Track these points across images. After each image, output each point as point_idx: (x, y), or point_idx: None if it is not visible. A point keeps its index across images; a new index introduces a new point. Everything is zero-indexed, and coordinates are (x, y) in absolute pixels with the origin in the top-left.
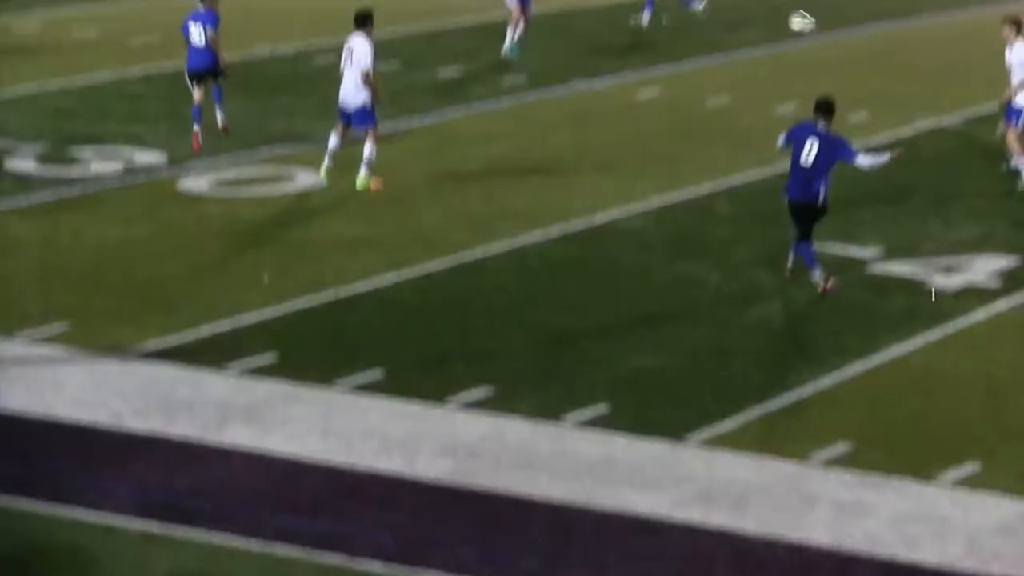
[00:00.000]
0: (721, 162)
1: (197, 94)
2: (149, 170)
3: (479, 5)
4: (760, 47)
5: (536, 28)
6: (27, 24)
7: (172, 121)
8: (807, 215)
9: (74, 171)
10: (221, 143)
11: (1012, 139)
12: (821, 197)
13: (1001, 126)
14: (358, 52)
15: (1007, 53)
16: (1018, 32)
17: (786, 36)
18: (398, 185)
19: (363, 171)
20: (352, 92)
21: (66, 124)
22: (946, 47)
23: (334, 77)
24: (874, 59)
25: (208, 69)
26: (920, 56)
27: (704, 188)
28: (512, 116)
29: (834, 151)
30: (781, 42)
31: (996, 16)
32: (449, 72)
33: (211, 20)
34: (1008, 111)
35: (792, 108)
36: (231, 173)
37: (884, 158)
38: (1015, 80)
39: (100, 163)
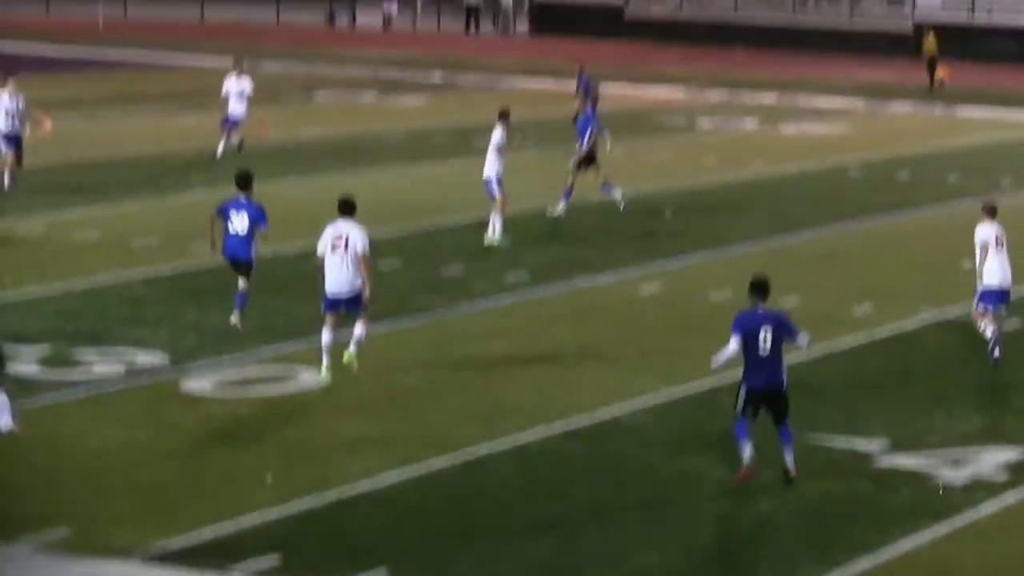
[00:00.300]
0: None
1: (242, 282)
2: (151, 371)
3: (479, 201)
4: (760, 241)
5: (538, 224)
6: (29, 227)
7: (174, 323)
8: (777, 401)
9: (76, 373)
10: (224, 344)
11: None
12: (785, 381)
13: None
14: (354, 238)
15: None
16: (990, 216)
17: (786, 229)
18: (400, 383)
19: (353, 348)
20: (348, 279)
21: (68, 326)
22: (946, 238)
23: None
24: (875, 251)
25: (245, 260)
26: (920, 248)
27: (706, 383)
28: (514, 312)
29: (785, 331)
30: (781, 235)
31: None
32: (450, 269)
33: (256, 212)
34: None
35: (794, 301)
36: (233, 373)
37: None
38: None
39: (102, 365)
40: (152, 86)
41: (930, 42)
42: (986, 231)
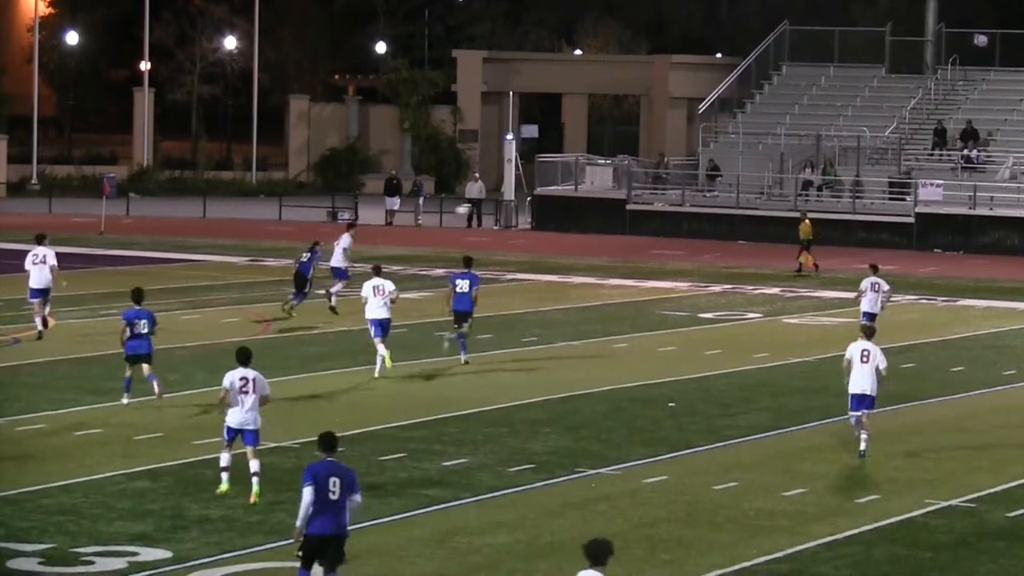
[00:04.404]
0: (729, 547)
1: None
2: (154, 566)
3: (483, 396)
4: (766, 431)
5: (541, 416)
6: (30, 422)
7: (177, 517)
8: (336, 548)
9: (77, 571)
10: (227, 539)
11: None
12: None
13: None
14: (260, 380)
15: None
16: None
17: (789, 421)
18: (405, 575)
19: (257, 483)
20: (255, 416)
21: (70, 524)
22: (951, 428)
23: None
24: (878, 441)
25: (147, 355)
26: (925, 437)
27: (714, 574)
28: (519, 504)
29: (348, 485)
30: (785, 427)
31: (997, 399)
32: (454, 461)
33: (150, 318)
34: None
35: (800, 491)
36: (238, 568)
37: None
38: None
39: (104, 561)
40: (155, 281)
41: (805, 226)
42: (854, 347)
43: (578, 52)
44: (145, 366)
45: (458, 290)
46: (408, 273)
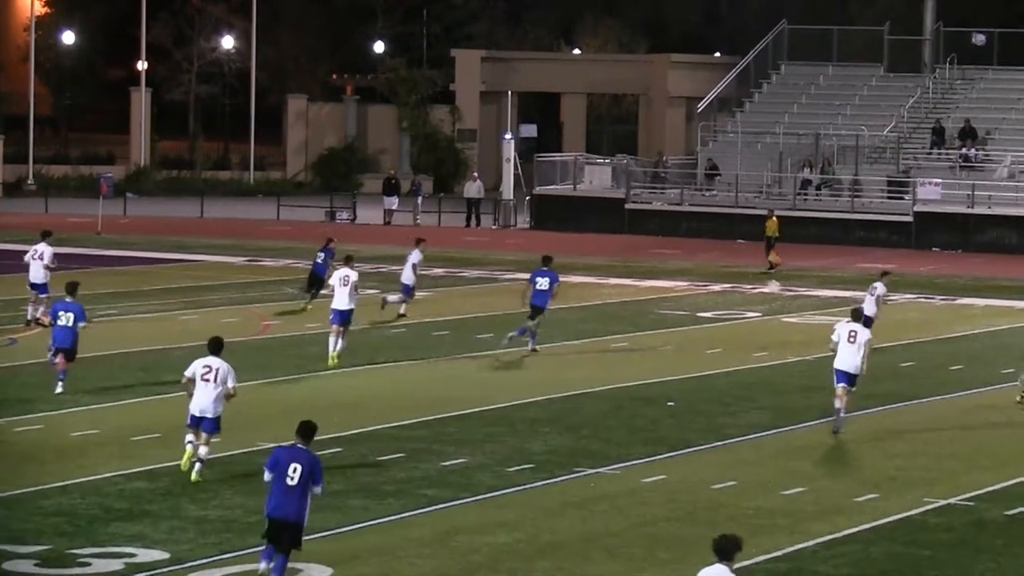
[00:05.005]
0: None
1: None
2: (152, 567)
3: (483, 396)
4: (765, 430)
5: (541, 415)
6: (28, 423)
7: (175, 518)
8: (293, 534)
9: (74, 572)
10: (225, 539)
11: None
12: (305, 519)
13: None
14: (224, 371)
15: None
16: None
17: (789, 420)
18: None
19: (199, 467)
20: (213, 404)
21: (67, 525)
22: (948, 427)
23: None
24: (877, 440)
25: (68, 349)
26: (924, 435)
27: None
28: (518, 504)
29: (313, 475)
30: (784, 426)
31: (996, 397)
32: (453, 461)
33: (79, 312)
34: None
35: (799, 490)
36: (236, 568)
37: None
38: None
39: (101, 563)
40: (153, 281)
41: (772, 223)
42: (842, 327)
43: (577, 51)
44: (60, 359)
45: (538, 287)
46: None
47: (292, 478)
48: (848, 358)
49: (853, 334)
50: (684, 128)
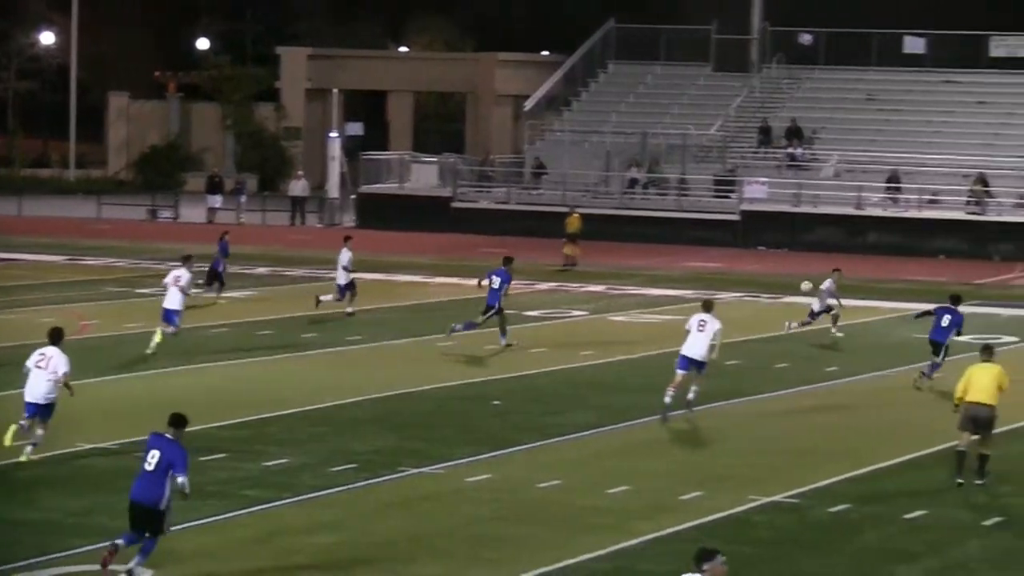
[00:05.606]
0: (553, 545)
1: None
2: None
3: (306, 396)
4: (590, 429)
5: (364, 415)
6: None
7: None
8: (151, 518)
9: None
10: (48, 541)
11: None
12: (163, 501)
13: None
14: (56, 360)
15: None
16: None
17: (615, 419)
18: None
19: (30, 451)
20: (45, 391)
21: None
22: (773, 425)
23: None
24: (702, 438)
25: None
26: (749, 433)
27: (538, 572)
28: (342, 504)
29: (175, 464)
30: (610, 424)
31: (820, 396)
32: (276, 461)
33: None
34: None
35: (624, 488)
36: (57, 571)
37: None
38: None
39: None
40: None
41: (573, 220)
42: (694, 317)
43: (404, 49)
44: None
45: (492, 285)
46: (229, 271)
47: (150, 464)
48: (694, 345)
49: (703, 323)
50: (511, 127)
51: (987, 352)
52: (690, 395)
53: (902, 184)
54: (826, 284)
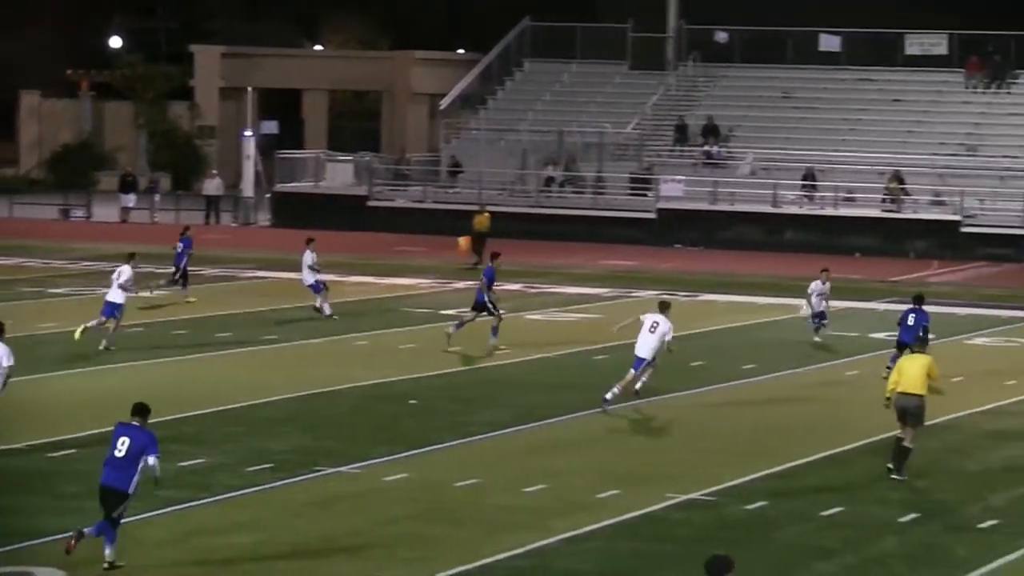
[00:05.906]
0: (470, 544)
1: None
2: None
3: (222, 395)
4: (507, 427)
5: (280, 415)
6: None
7: None
8: (117, 501)
9: None
10: None
11: None
12: (131, 488)
13: None
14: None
15: None
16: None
17: (531, 418)
18: None
19: None
20: None
21: None
22: (689, 423)
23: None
24: (619, 436)
25: None
26: (665, 431)
27: (456, 571)
28: (258, 504)
29: (146, 447)
30: (527, 423)
31: (737, 393)
32: (191, 461)
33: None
34: None
35: (541, 487)
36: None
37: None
38: None
39: None
40: None
41: (483, 219)
42: (648, 316)
43: (319, 48)
44: None
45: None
46: (142, 271)
47: (120, 451)
48: (646, 346)
49: (655, 324)
50: (427, 125)
51: (919, 343)
52: (637, 386)
53: (818, 182)
54: (814, 285)
